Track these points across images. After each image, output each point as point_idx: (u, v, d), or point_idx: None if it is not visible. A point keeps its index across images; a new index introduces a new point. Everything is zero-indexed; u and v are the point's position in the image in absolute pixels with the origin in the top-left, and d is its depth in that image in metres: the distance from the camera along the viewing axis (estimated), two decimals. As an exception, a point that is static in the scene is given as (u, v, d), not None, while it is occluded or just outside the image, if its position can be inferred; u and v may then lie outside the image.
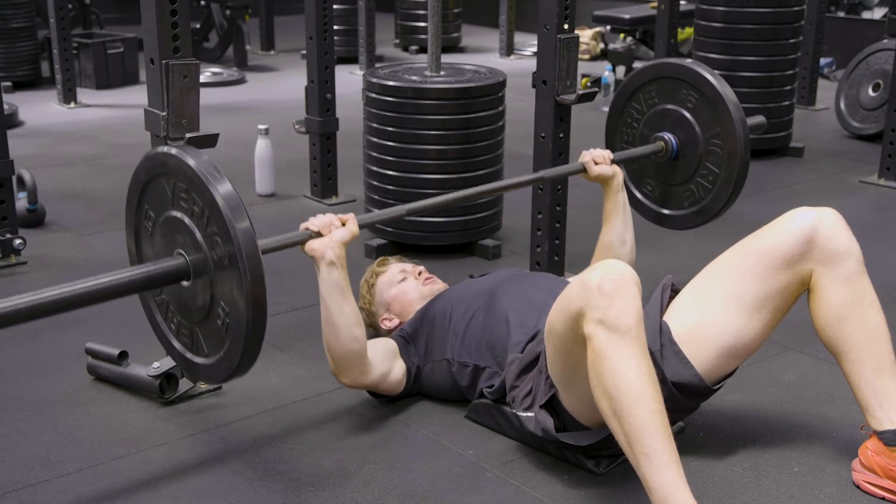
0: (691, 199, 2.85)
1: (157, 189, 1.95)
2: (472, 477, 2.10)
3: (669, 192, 2.90)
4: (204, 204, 1.80)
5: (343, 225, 2.16)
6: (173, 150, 1.87)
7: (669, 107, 2.82)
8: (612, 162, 2.70)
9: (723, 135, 2.73)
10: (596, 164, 2.67)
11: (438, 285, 2.61)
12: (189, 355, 2.00)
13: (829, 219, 2.07)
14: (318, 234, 2.13)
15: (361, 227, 2.21)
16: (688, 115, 2.79)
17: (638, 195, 2.97)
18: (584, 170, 2.69)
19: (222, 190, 1.77)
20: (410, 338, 2.41)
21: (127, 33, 6.88)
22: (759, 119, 2.97)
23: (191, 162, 1.81)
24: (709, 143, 2.77)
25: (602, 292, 1.80)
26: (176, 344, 2.03)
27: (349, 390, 2.45)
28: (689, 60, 2.83)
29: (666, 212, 2.93)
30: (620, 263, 1.87)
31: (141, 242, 2.05)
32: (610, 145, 2.99)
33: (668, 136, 2.83)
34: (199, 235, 1.84)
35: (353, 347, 2.17)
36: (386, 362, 2.31)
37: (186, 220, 1.87)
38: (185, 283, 1.91)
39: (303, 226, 2.16)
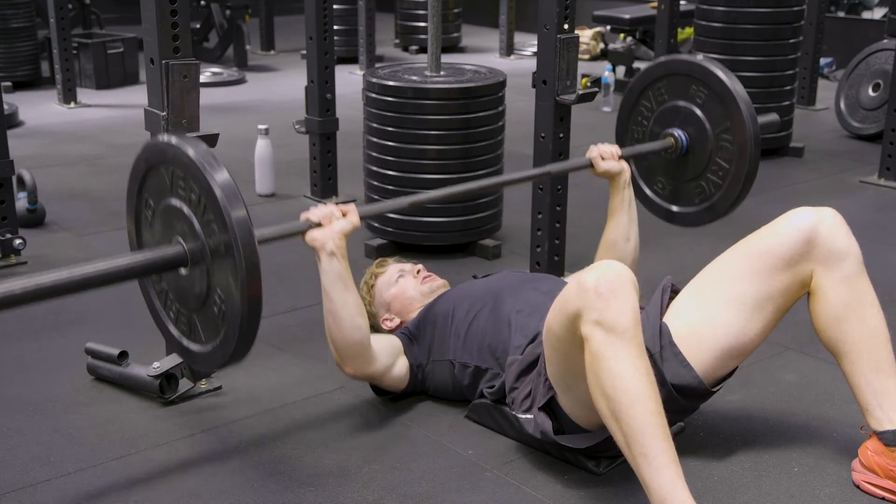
0: (702, 196, 2.83)
1: (156, 177, 1.95)
2: (472, 477, 2.10)
3: (680, 189, 2.88)
4: (201, 192, 1.80)
5: (344, 216, 2.17)
6: (173, 140, 1.87)
7: (679, 103, 2.80)
8: (620, 157, 2.69)
9: (732, 130, 2.71)
10: (603, 159, 2.66)
11: (437, 283, 2.61)
12: (186, 342, 2.00)
13: (828, 219, 2.07)
14: (319, 225, 2.14)
15: (362, 218, 2.22)
16: (698, 111, 2.78)
17: (648, 192, 2.95)
18: (591, 165, 2.67)
19: (219, 178, 1.77)
20: (414, 336, 2.41)
21: (127, 33, 6.88)
22: (772, 117, 2.95)
23: (189, 151, 1.81)
24: (719, 138, 2.74)
25: (598, 293, 1.79)
26: (174, 331, 2.03)
27: (350, 391, 2.45)
28: (699, 57, 2.81)
29: (676, 209, 2.90)
30: (617, 264, 1.87)
31: (141, 230, 2.05)
32: (620, 142, 2.97)
33: (677, 132, 2.81)
34: (196, 223, 1.84)
35: (356, 337, 2.18)
36: (390, 356, 2.32)
37: (185, 208, 1.86)
38: (182, 270, 1.91)
39: (303, 216, 2.15)
